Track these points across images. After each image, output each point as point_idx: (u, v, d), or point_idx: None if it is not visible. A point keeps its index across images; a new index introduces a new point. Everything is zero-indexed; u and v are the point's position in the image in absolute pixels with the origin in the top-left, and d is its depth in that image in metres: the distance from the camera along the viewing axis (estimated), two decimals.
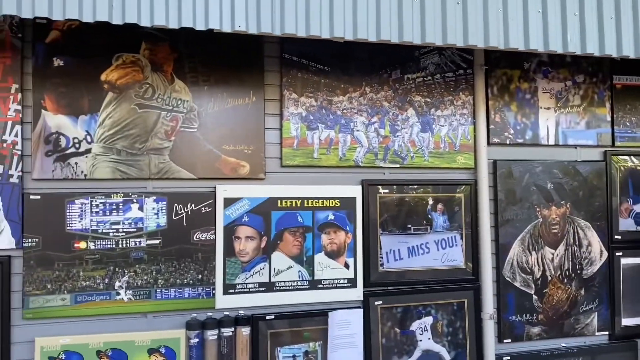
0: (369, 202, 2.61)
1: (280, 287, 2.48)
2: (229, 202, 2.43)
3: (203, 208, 2.41)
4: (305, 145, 2.54)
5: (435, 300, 2.69)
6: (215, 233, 2.41)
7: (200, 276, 2.39)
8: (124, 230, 2.32)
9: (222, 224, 2.42)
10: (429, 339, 2.67)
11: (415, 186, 2.68)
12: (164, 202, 2.36)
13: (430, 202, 2.70)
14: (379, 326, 2.61)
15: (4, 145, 2.21)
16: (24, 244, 2.21)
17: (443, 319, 2.70)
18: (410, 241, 2.67)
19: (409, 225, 2.67)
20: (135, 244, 2.32)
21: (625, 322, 2.92)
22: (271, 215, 2.49)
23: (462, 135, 2.74)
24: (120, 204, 2.32)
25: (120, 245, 2.31)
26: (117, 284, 2.30)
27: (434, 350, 2.67)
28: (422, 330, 2.66)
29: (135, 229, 2.33)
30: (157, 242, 2.34)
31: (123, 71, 2.33)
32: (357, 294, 2.58)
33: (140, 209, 2.33)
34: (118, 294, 2.30)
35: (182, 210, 2.38)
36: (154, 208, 2.35)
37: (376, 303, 2.61)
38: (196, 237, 2.39)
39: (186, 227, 2.38)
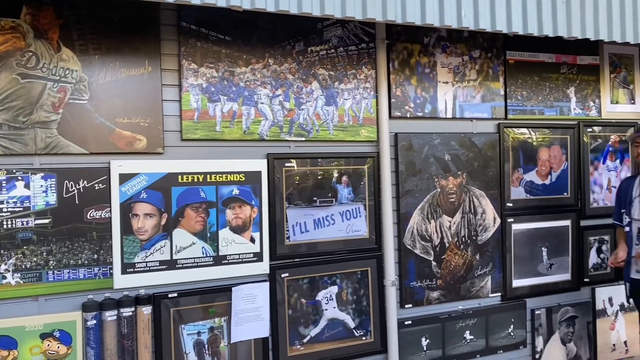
0: (275, 175, 2.60)
1: (183, 264, 2.43)
2: (125, 178, 2.33)
3: (97, 185, 2.29)
4: (207, 118, 2.47)
5: (340, 270, 2.75)
6: (110, 211, 2.30)
7: (96, 256, 2.28)
8: (9, 209, 2.16)
9: (118, 201, 2.32)
10: (335, 307, 2.73)
11: (320, 159, 2.69)
12: (53, 179, 2.22)
13: (335, 174, 2.73)
14: (285, 298, 2.63)
15: None
16: None
17: (348, 288, 2.77)
18: (316, 213, 2.70)
19: (315, 198, 2.70)
20: (22, 224, 2.17)
21: (516, 283, 3.14)
22: (171, 191, 2.41)
23: (365, 109, 2.78)
24: (3, 182, 2.15)
25: (4, 226, 2.15)
26: (3, 267, 2.14)
27: (339, 318, 2.74)
28: (327, 300, 2.72)
29: (21, 208, 2.17)
30: (46, 221, 2.20)
31: (2, 37, 2.13)
32: (263, 267, 2.58)
33: (27, 186, 2.18)
34: (4, 277, 2.15)
35: (74, 188, 2.25)
36: (42, 185, 2.20)
37: (282, 275, 2.62)
38: (90, 216, 2.27)
39: (79, 205, 2.25)
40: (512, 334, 3.12)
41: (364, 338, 2.79)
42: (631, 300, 2.94)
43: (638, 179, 2.89)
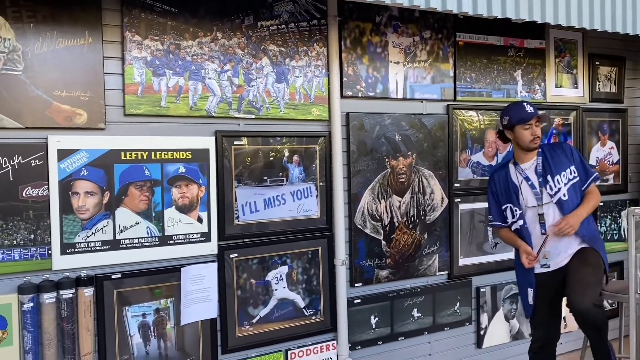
0: (224, 154, 2.54)
1: (126, 244, 2.34)
2: (63, 154, 2.21)
3: (33, 161, 2.17)
4: (152, 93, 2.37)
5: (291, 249, 2.73)
6: (48, 188, 2.19)
7: (32, 236, 2.17)
8: None
9: (57, 179, 2.20)
10: (285, 287, 2.72)
11: (271, 138, 2.65)
12: None
13: (286, 153, 2.69)
14: (234, 279, 2.59)
15: None
16: None
17: (298, 268, 2.75)
18: (267, 193, 2.66)
19: (265, 177, 2.65)
20: None
21: (462, 262, 3.21)
22: (114, 169, 2.31)
23: (316, 87, 2.75)
24: None
25: None
26: None
27: (289, 298, 2.73)
28: (277, 280, 2.70)
29: None
30: None
31: None
32: (211, 247, 2.52)
33: None
34: None
35: (8, 164, 2.12)
36: None
37: (231, 256, 2.58)
38: (26, 194, 2.15)
39: (13, 182, 2.13)
40: (458, 311, 3.19)
41: (314, 317, 2.80)
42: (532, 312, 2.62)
43: (511, 166, 2.63)
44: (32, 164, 2.17)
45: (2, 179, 2.11)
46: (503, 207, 2.62)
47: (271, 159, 2.66)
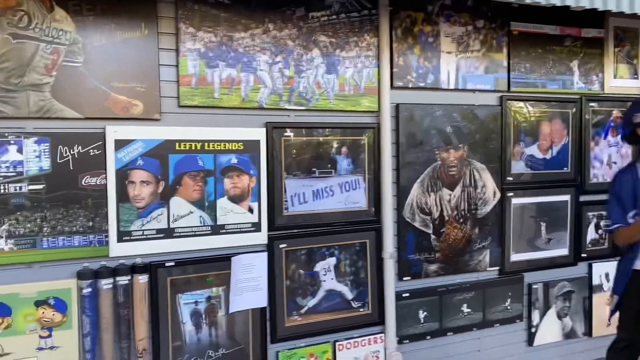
0: (274, 145, 2.55)
1: (180, 233, 2.39)
2: (120, 144, 2.27)
3: (92, 150, 2.23)
4: (205, 84, 2.40)
5: (339, 241, 2.72)
6: (106, 177, 2.25)
7: (91, 223, 2.24)
8: (1, 174, 2.10)
9: (114, 168, 2.26)
10: (332, 279, 2.71)
11: (320, 129, 2.64)
12: (47, 144, 2.16)
13: (335, 145, 2.68)
14: (284, 269, 2.60)
15: None
16: None
17: (346, 260, 2.74)
18: (315, 184, 2.66)
19: (314, 169, 2.65)
20: (15, 190, 2.12)
21: (514, 257, 3.13)
22: (169, 159, 2.36)
23: (366, 78, 2.72)
24: None
25: None
26: None
27: (337, 289, 2.72)
28: (325, 271, 2.70)
29: (14, 173, 2.11)
30: (40, 187, 2.15)
31: None
32: (261, 237, 2.54)
33: (19, 151, 2.12)
34: None
35: (68, 153, 2.19)
36: (35, 150, 2.14)
37: (281, 246, 2.59)
38: (85, 182, 2.22)
39: (73, 171, 2.20)
40: (509, 307, 3.12)
41: (361, 310, 2.78)
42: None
43: (639, 167, 2.59)
44: (91, 153, 2.23)
45: (63, 168, 2.18)
46: (631, 214, 2.52)
47: (320, 150, 2.66)
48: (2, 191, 2.10)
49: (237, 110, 2.49)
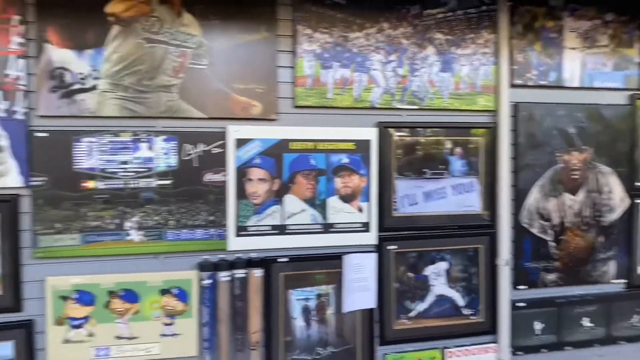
0: (385, 145, 2.53)
1: (292, 230, 2.43)
2: (240, 143, 2.36)
3: (214, 149, 2.34)
4: (319, 85, 2.43)
5: (450, 245, 2.64)
6: (226, 174, 2.34)
7: (212, 218, 2.34)
8: (134, 170, 2.25)
9: (234, 166, 2.35)
10: (443, 284, 2.63)
11: (433, 129, 2.58)
12: (174, 142, 2.29)
13: (448, 145, 2.61)
14: (393, 271, 2.57)
15: (7, 80, 2.12)
16: (32, 183, 2.16)
17: (457, 265, 2.65)
18: (426, 186, 2.60)
19: (425, 170, 2.59)
20: (145, 184, 2.27)
21: None
22: (283, 158, 2.41)
23: (483, 76, 2.62)
24: (129, 143, 2.25)
25: (130, 185, 2.25)
26: (128, 224, 2.25)
27: (448, 295, 2.64)
28: (436, 275, 2.63)
29: (145, 169, 2.26)
30: (167, 182, 2.29)
31: (129, 3, 2.21)
32: (370, 238, 2.52)
33: (150, 148, 2.27)
34: (128, 234, 2.26)
35: (193, 151, 2.31)
36: (163, 148, 2.28)
37: (390, 247, 2.56)
38: (207, 178, 2.33)
39: (197, 167, 2.32)
40: (637, 324, 2.85)
41: (472, 317, 2.68)
42: None
43: None
44: (213, 152, 2.33)
45: (188, 165, 2.31)
46: None
47: (432, 151, 2.59)
48: (134, 185, 2.25)
49: (349, 110, 2.50)
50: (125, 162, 2.25)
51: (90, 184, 2.21)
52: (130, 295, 2.27)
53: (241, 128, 2.35)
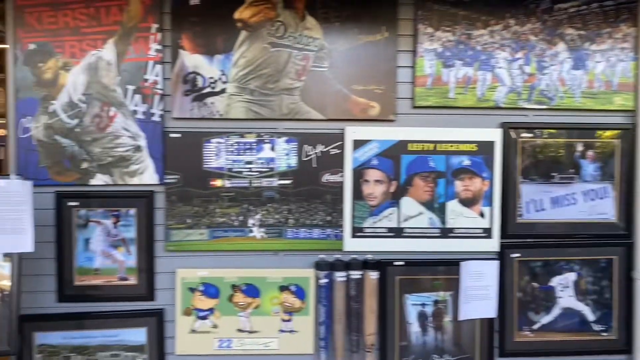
0: (509, 146, 2.41)
1: (409, 233, 2.39)
2: (358, 144, 2.36)
3: (332, 150, 2.36)
4: (440, 84, 2.37)
5: (580, 255, 2.46)
6: (343, 175, 2.36)
7: (329, 218, 2.37)
8: (257, 169, 2.34)
9: (351, 167, 2.36)
10: (571, 296, 2.46)
11: (563, 130, 2.41)
12: (295, 143, 2.34)
13: (580, 148, 2.42)
14: (515, 280, 2.44)
15: (146, 84, 2.29)
16: (166, 180, 2.31)
17: (587, 277, 2.46)
18: (554, 191, 2.44)
19: (554, 174, 2.43)
20: (267, 184, 2.34)
21: None
22: (401, 159, 2.38)
23: (621, 73, 2.41)
24: (253, 144, 2.33)
25: (253, 184, 2.34)
26: (251, 221, 2.34)
27: (576, 308, 2.46)
28: (563, 287, 2.45)
29: (267, 169, 2.34)
30: (288, 182, 2.34)
31: (256, 9, 2.29)
32: (492, 244, 2.41)
33: (272, 149, 2.34)
34: (251, 231, 2.35)
35: (312, 152, 2.35)
36: (284, 149, 2.34)
37: (513, 255, 2.43)
38: (325, 179, 2.36)
39: (315, 168, 2.35)
40: None
41: (604, 334, 2.47)
42: None
43: None
44: (331, 153, 2.36)
45: (307, 165, 2.35)
46: None
47: (561, 153, 2.43)
48: (257, 184, 2.33)
49: (472, 110, 2.41)
50: (249, 162, 2.34)
51: (218, 183, 2.33)
52: (251, 290, 2.35)
53: (359, 129, 2.35)
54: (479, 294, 2.40)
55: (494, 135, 2.39)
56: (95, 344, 2.31)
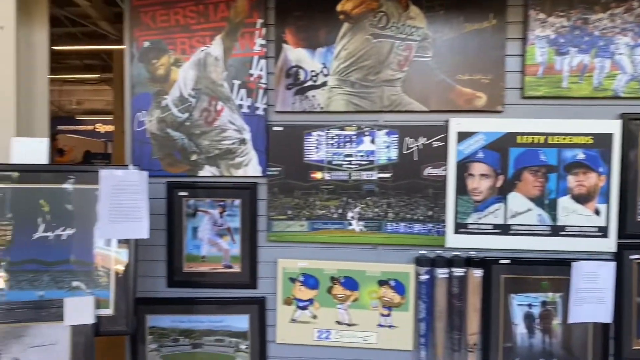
0: (630, 139, 2.22)
1: (516, 230, 2.28)
2: (462, 136, 2.28)
3: (434, 142, 2.29)
4: (552, 73, 2.23)
5: None
6: (446, 169, 2.29)
7: (430, 213, 2.31)
8: (357, 162, 2.33)
9: (455, 160, 2.28)
10: None
11: None
12: (395, 136, 2.30)
13: None
14: (634, 283, 2.25)
15: (251, 79, 2.35)
16: (268, 172, 2.36)
17: None
18: None
19: None
20: (367, 177, 2.32)
21: None
22: (509, 152, 2.26)
23: None
24: (354, 137, 2.32)
25: (352, 177, 2.33)
26: (350, 214, 2.34)
27: None
28: None
29: (367, 162, 2.32)
30: (388, 175, 2.31)
31: (358, 0, 2.27)
32: (608, 244, 2.25)
33: (372, 142, 2.31)
34: (350, 224, 2.34)
35: (413, 144, 2.30)
36: (385, 141, 2.31)
37: (632, 257, 2.25)
38: (427, 173, 2.30)
39: (417, 161, 2.30)
40: None
41: None
42: None
43: None
44: (434, 145, 2.29)
45: (408, 158, 2.30)
46: None
47: None
48: (356, 177, 2.32)
49: (587, 100, 2.24)
50: (349, 155, 2.33)
51: (318, 175, 2.34)
52: (350, 283, 2.35)
53: (463, 121, 2.27)
54: (592, 297, 2.24)
55: (613, 127, 2.22)
56: (202, 328, 2.41)
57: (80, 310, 1.89)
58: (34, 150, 2.00)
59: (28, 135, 2.20)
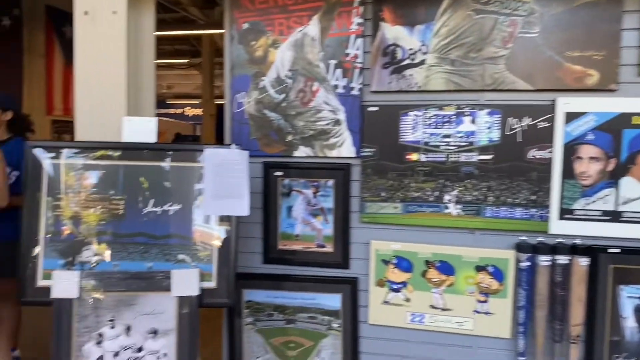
0: None
1: (628, 217, 2.13)
2: (570, 117, 2.14)
3: (540, 123, 2.18)
4: None
5: None
6: (552, 151, 2.17)
7: (533, 197, 2.20)
8: (455, 143, 2.26)
9: (562, 142, 2.16)
10: None
11: None
12: (498, 116, 2.21)
13: None
14: None
15: (347, 59, 2.33)
16: (362, 153, 2.35)
17: None
18: None
19: None
20: (466, 159, 2.25)
21: None
22: (623, 134, 2.11)
23: None
24: (453, 117, 2.26)
25: (450, 159, 2.27)
26: (447, 197, 2.28)
27: None
28: None
29: (466, 143, 2.25)
30: (488, 157, 2.23)
31: None
32: None
33: (473, 122, 2.24)
34: (447, 207, 2.29)
35: (517, 125, 2.20)
36: (486, 121, 2.22)
37: None
38: (531, 155, 2.19)
39: (520, 143, 2.20)
40: None
41: None
42: None
43: None
44: (539, 126, 2.18)
45: (511, 140, 2.21)
46: None
47: None
48: (455, 159, 2.26)
49: None
50: (447, 136, 2.27)
51: (414, 157, 2.30)
52: (445, 267, 2.30)
53: (572, 100, 2.14)
54: None
55: None
56: (295, 304, 2.46)
57: (186, 282, 1.98)
58: (143, 129, 2.10)
59: (136, 115, 2.32)
